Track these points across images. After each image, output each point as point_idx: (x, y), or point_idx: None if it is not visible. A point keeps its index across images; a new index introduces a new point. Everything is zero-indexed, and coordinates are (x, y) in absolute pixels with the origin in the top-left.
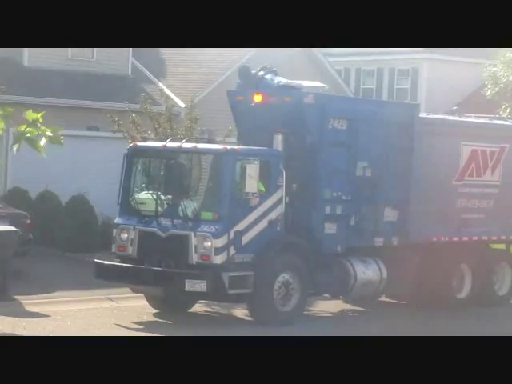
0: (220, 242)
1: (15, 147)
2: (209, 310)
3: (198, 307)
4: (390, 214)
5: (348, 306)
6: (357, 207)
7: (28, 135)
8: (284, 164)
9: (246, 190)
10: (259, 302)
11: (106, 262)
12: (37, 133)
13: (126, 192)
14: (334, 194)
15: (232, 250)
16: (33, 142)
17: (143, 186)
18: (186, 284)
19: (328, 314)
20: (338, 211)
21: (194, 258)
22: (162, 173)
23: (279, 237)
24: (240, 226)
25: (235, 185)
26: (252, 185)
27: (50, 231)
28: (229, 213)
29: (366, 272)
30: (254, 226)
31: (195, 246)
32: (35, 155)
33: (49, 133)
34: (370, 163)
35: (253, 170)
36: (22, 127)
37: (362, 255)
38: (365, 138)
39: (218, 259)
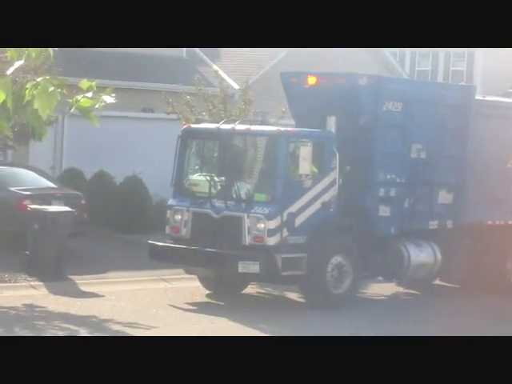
0: (273, 224)
1: (69, 112)
2: (261, 291)
3: (251, 289)
4: (444, 197)
5: (401, 289)
6: (411, 190)
7: (82, 101)
8: (337, 146)
9: (300, 172)
10: (312, 284)
11: (159, 244)
12: (92, 102)
13: (180, 174)
14: (388, 176)
15: (285, 232)
16: (86, 112)
17: (197, 167)
18: (239, 265)
19: (381, 296)
20: (392, 193)
21: (247, 240)
22: (215, 154)
23: (332, 219)
24: (293, 208)
25: (288, 167)
26: (305, 167)
27: (104, 212)
28: (282, 194)
29: (420, 255)
30: (307, 207)
31: (248, 228)
32: (90, 136)
33: (105, 97)
34: (424, 145)
35: (306, 151)
36: (77, 96)
37: (416, 238)
38: (420, 120)
39: (271, 241)
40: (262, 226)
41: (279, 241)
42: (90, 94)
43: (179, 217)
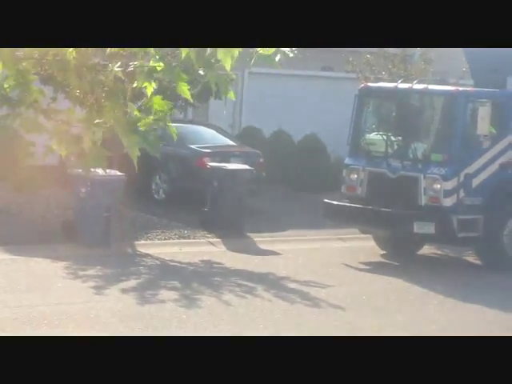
0: (450, 185)
1: (251, 64)
2: (438, 252)
3: (427, 250)
4: None
5: None
6: None
7: (262, 51)
8: None
9: (478, 133)
10: (488, 246)
11: (334, 203)
12: (272, 51)
13: (356, 133)
14: None
15: (461, 193)
16: (267, 59)
17: (373, 126)
18: (415, 226)
19: None
20: None
21: (423, 200)
22: (392, 114)
23: (510, 180)
24: (470, 169)
25: (466, 127)
26: (483, 127)
27: (282, 170)
28: (459, 155)
29: None
30: (485, 168)
31: (424, 188)
32: (269, 94)
33: (285, 49)
34: None
35: (485, 111)
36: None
37: None
38: None
39: (447, 202)
40: (439, 186)
41: (455, 202)
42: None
43: (355, 176)
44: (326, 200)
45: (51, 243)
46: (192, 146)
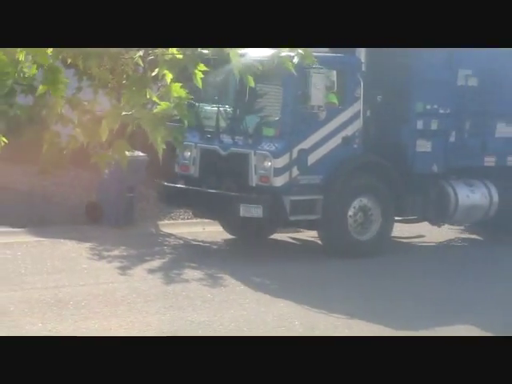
0: (280, 162)
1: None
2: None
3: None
4: (504, 130)
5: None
6: (458, 122)
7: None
8: (365, 73)
9: (312, 103)
10: (330, 229)
11: (165, 184)
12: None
13: (191, 106)
14: (429, 106)
15: (295, 171)
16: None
17: (207, 98)
18: (241, 209)
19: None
20: (434, 126)
21: (254, 180)
22: (224, 84)
23: (356, 155)
24: (305, 144)
25: (300, 97)
26: (318, 97)
27: None
28: (291, 129)
29: (471, 196)
30: (324, 143)
31: (255, 167)
32: None
33: (300, 51)
34: (474, 71)
35: (319, 79)
36: None
37: (468, 177)
38: None
39: (278, 181)
40: (269, 164)
41: (287, 181)
42: None
43: (188, 153)
44: (156, 180)
45: (76, 224)
46: None
